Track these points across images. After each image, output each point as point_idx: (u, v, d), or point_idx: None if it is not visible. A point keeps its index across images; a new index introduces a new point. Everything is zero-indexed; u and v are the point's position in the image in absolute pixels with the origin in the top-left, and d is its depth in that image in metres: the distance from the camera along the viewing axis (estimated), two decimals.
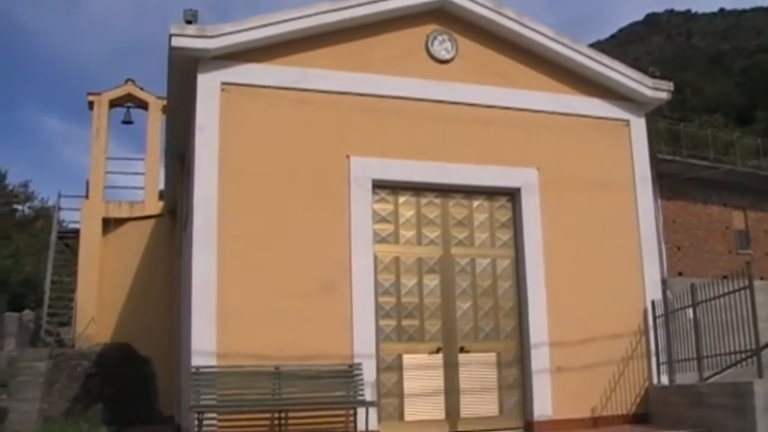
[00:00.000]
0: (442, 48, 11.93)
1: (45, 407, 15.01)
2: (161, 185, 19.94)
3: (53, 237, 21.62)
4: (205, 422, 9.53)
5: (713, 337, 10.85)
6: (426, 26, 11.94)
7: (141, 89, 20.88)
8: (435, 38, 11.92)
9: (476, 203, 11.93)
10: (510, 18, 12.25)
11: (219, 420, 9.75)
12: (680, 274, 26.30)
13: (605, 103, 12.81)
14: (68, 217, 22.80)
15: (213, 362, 9.87)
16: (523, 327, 11.69)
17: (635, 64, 12.84)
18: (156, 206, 19.94)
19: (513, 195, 12.07)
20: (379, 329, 10.91)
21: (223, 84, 10.70)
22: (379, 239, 11.23)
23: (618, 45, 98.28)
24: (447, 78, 11.84)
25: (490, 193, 11.99)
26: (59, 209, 22.30)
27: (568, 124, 12.48)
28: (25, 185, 45.95)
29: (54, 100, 73.55)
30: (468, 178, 11.71)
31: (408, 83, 11.59)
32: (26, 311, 19.60)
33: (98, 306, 18.74)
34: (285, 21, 10.95)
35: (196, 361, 9.83)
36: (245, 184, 10.50)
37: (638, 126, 12.97)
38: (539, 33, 12.40)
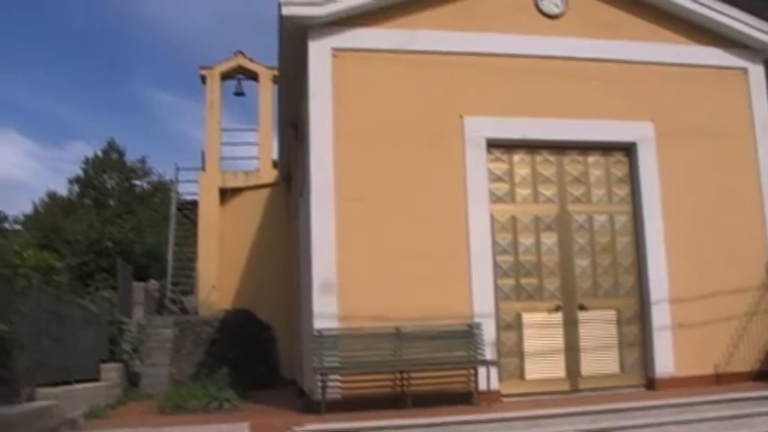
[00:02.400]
0: (551, 2, 11.60)
1: (173, 371, 15.54)
2: (274, 154, 20.19)
3: (173, 209, 22.19)
4: (328, 383, 9.64)
5: None
6: None
7: (251, 60, 21.18)
8: None
9: (591, 159, 11.64)
10: None
11: (342, 381, 9.85)
12: None
13: (721, 50, 12.23)
14: (186, 189, 23.40)
15: (334, 324, 9.95)
16: (643, 283, 11.40)
17: (749, 9, 12.21)
18: (270, 174, 20.24)
19: (628, 149, 11.71)
20: (497, 288, 10.81)
21: (334, 49, 10.67)
22: (496, 199, 11.09)
23: None
24: (557, 33, 11.52)
25: (605, 148, 11.66)
26: (177, 181, 22.83)
27: (683, 74, 11.98)
28: (143, 161, 47.51)
29: (164, 73, 75.48)
30: (582, 134, 11.42)
31: (518, 39, 11.33)
32: (151, 281, 20.21)
33: (219, 274, 19.21)
34: None
35: (318, 324, 9.93)
36: (360, 146, 10.50)
37: (757, 73, 12.33)
38: None
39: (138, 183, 47.62)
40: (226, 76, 21.26)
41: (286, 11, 10.47)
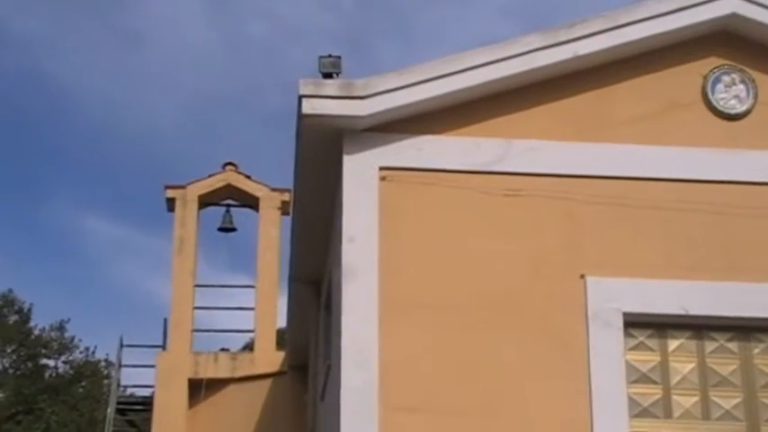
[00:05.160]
0: (731, 94, 12.05)
1: None
2: (280, 324, 20.46)
3: (110, 411, 22.43)
4: None
5: None
6: (702, 61, 12.16)
7: (248, 178, 21.86)
8: (719, 79, 12.05)
9: None
10: None
11: None
12: None
13: None
14: (133, 377, 23.81)
15: None
16: None
17: None
18: (273, 359, 20.63)
19: None
20: None
21: (383, 169, 11.27)
22: (639, 410, 11.22)
23: None
24: (741, 144, 11.92)
25: None
26: (119, 366, 23.14)
27: None
28: (60, 329, 47.80)
29: (105, 191, 76.48)
30: None
31: (675, 155, 11.76)
32: None
33: None
34: (474, 67, 11.40)
35: None
36: (421, 324, 10.87)
37: None
38: None
39: (49, 363, 47.94)
40: (207, 202, 22.01)
41: (309, 107, 11.08)
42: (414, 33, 75.21)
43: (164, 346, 20.88)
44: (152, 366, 21.25)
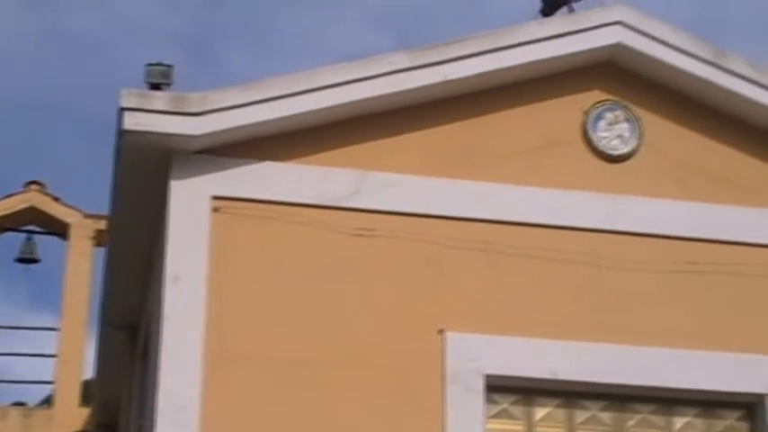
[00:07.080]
0: (614, 133, 12.03)
1: None
2: (87, 375, 20.04)
3: None
4: None
5: None
6: (584, 94, 12.13)
7: (55, 200, 21.29)
8: (601, 115, 12.03)
9: (679, 423, 11.70)
10: (740, 76, 12.25)
11: None
12: None
13: None
14: None
15: None
16: None
17: None
18: (75, 416, 20.13)
19: (751, 407, 11.79)
20: None
21: (216, 198, 10.86)
22: None
23: None
24: (622, 189, 11.88)
25: (707, 403, 11.75)
26: None
27: None
28: None
29: None
30: (664, 376, 11.42)
31: (550, 198, 11.65)
32: None
33: None
34: (329, 86, 11.11)
35: None
36: (254, 381, 10.43)
37: None
38: None
39: None
40: (5, 226, 21.55)
41: (131, 122, 10.58)
42: (273, 40, 74.55)
43: None
44: None
